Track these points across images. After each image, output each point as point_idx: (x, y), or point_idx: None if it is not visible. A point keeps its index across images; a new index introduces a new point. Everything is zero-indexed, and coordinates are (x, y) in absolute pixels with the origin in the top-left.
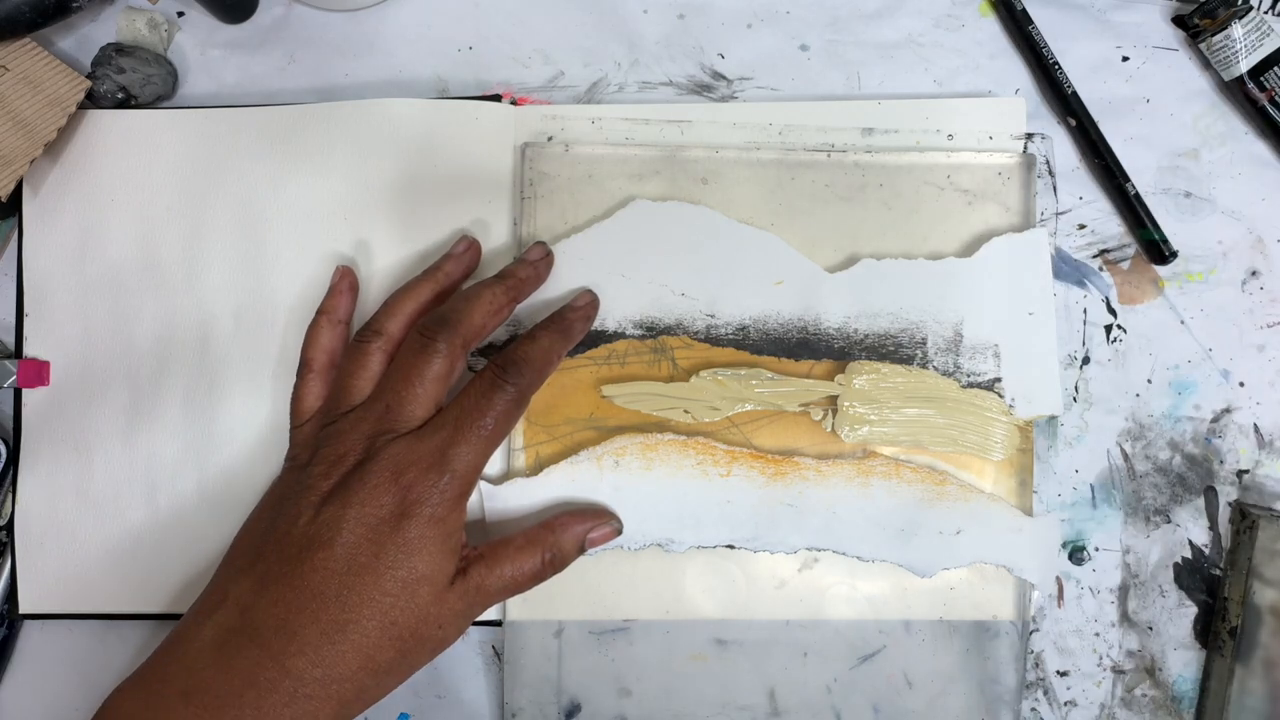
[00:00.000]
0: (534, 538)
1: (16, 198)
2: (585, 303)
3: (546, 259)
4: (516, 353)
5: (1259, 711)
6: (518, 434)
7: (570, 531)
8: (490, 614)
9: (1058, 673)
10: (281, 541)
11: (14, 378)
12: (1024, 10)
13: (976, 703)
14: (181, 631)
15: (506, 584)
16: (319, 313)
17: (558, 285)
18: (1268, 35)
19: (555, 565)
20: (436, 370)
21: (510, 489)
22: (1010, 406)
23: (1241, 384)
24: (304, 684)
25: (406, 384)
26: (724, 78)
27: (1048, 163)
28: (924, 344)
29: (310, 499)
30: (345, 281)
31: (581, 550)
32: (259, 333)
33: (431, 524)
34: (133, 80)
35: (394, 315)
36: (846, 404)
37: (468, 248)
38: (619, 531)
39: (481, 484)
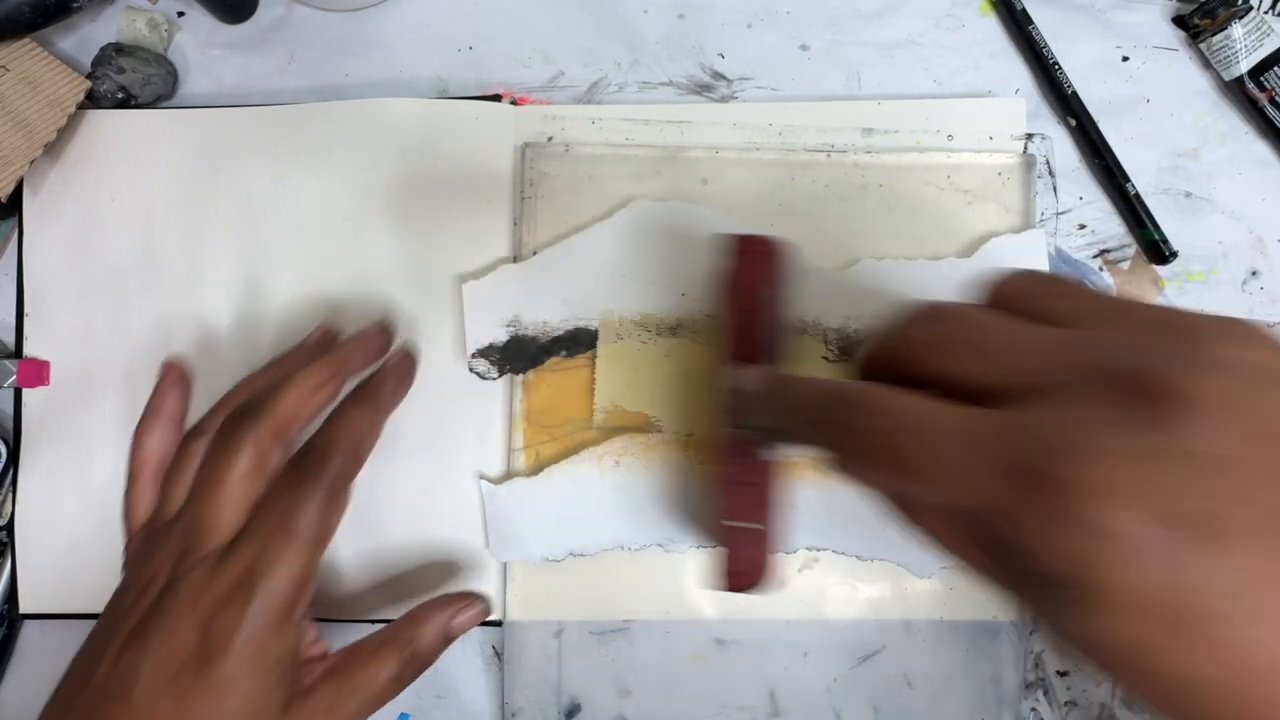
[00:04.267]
0: (388, 637)
1: (16, 198)
2: (396, 361)
3: (383, 334)
4: (318, 438)
5: None
6: (518, 434)
7: (429, 624)
8: (490, 614)
9: (1058, 673)
10: (83, 691)
11: (14, 378)
12: (1024, 10)
13: (976, 703)
14: None
15: (364, 700)
16: (143, 415)
17: (559, 285)
18: (1268, 35)
19: (415, 665)
20: (242, 469)
21: (510, 489)
22: None
23: None
24: None
25: (208, 490)
26: (724, 78)
27: (1048, 163)
28: None
29: (115, 639)
30: (169, 378)
31: (447, 641)
32: (259, 333)
33: (242, 660)
34: (133, 80)
35: (221, 412)
36: None
37: (322, 336)
38: (487, 612)
39: (482, 484)
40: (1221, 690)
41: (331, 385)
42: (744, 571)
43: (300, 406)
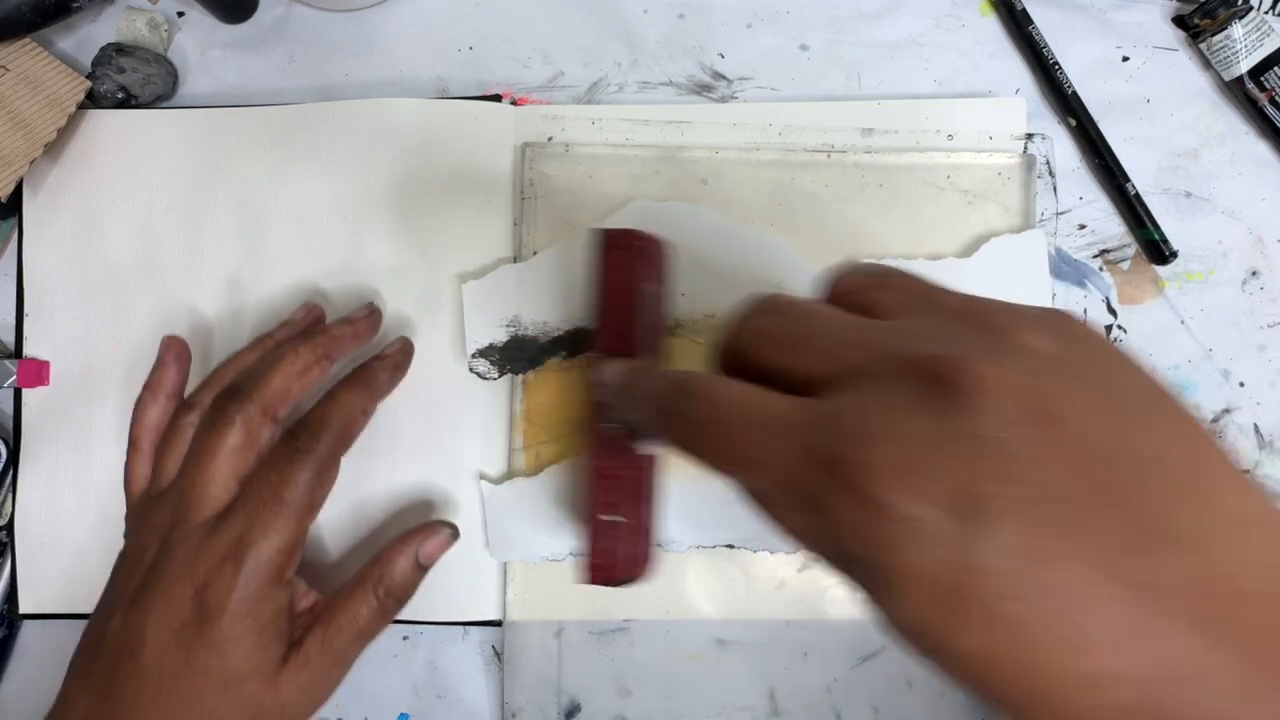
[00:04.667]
0: (361, 577)
1: (16, 198)
2: (394, 350)
3: (369, 318)
4: (311, 415)
5: None
6: (518, 434)
7: (399, 558)
8: (490, 614)
9: None
10: (101, 646)
11: (14, 378)
12: (1024, 10)
13: (976, 703)
14: None
15: (351, 637)
16: (144, 388)
17: (559, 285)
18: (1268, 35)
19: (394, 596)
20: (232, 444)
21: (510, 489)
22: None
23: (1241, 384)
24: None
25: (198, 463)
26: (724, 78)
27: (1048, 163)
28: None
29: (120, 602)
30: (170, 353)
31: (421, 569)
32: (258, 332)
33: (239, 619)
34: (133, 80)
35: (213, 388)
36: None
37: (306, 314)
38: (455, 536)
39: (481, 484)
40: (1003, 664)
41: (319, 367)
42: (607, 565)
43: (289, 386)
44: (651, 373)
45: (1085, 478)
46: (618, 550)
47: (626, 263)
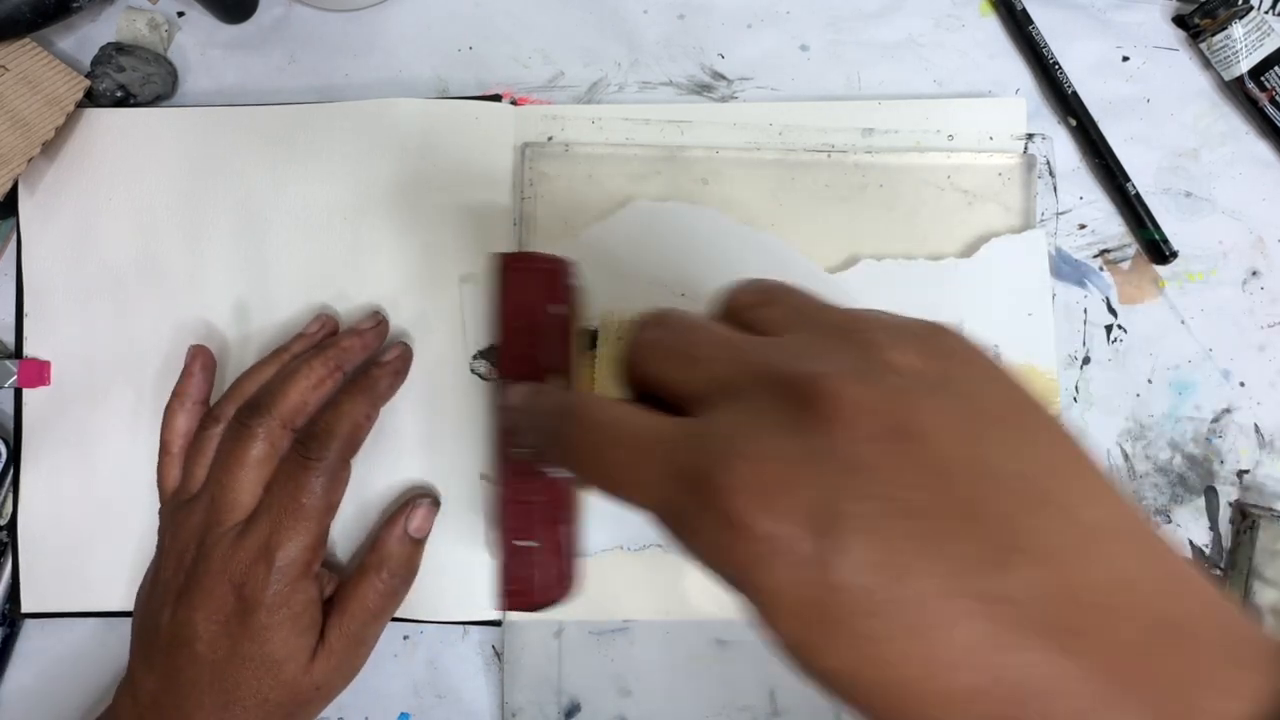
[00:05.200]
0: (364, 565)
1: (12, 197)
2: (394, 356)
3: (377, 329)
4: (318, 425)
5: None
6: None
7: (390, 539)
8: (490, 614)
9: None
10: (158, 635)
11: (14, 378)
12: (1024, 10)
13: None
14: (111, 705)
15: (364, 620)
16: (172, 396)
17: None
18: (1268, 35)
19: (397, 574)
20: (256, 455)
21: None
22: None
23: (1242, 384)
24: None
25: (227, 473)
26: (724, 78)
27: (1048, 163)
28: None
29: (167, 597)
30: (197, 362)
31: (416, 545)
32: (258, 332)
33: (275, 611)
34: (132, 79)
35: (235, 401)
36: None
37: (320, 327)
38: (436, 504)
39: (482, 484)
40: (866, 683)
41: (332, 379)
42: (523, 591)
43: (305, 399)
44: (546, 395)
45: (941, 493)
46: (534, 576)
47: (527, 285)
